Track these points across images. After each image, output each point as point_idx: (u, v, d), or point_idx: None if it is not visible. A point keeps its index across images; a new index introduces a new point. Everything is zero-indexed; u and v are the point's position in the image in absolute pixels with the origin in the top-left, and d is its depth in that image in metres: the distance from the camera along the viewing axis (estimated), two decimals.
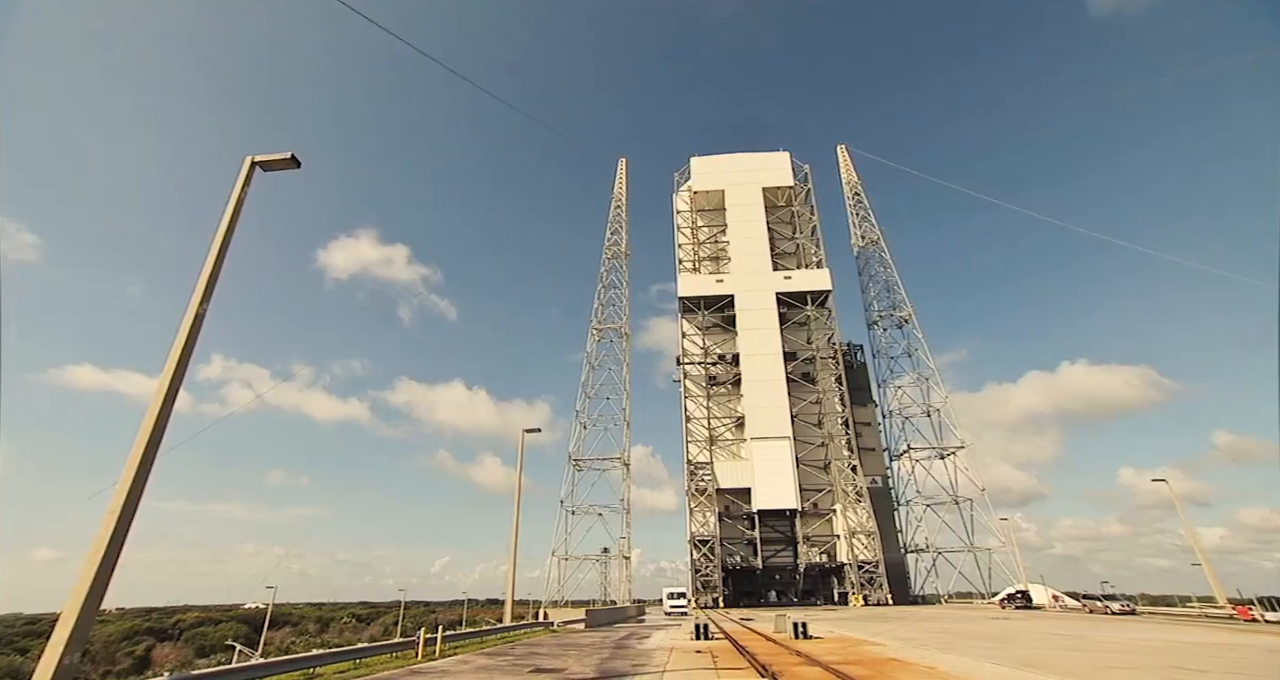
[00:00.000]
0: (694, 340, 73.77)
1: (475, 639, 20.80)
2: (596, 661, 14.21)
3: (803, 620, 19.79)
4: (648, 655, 15.50)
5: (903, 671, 11.22)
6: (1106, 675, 10.92)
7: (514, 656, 15.56)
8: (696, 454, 66.42)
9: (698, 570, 59.76)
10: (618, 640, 20.99)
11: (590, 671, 12.31)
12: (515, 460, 30.94)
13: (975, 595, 59.93)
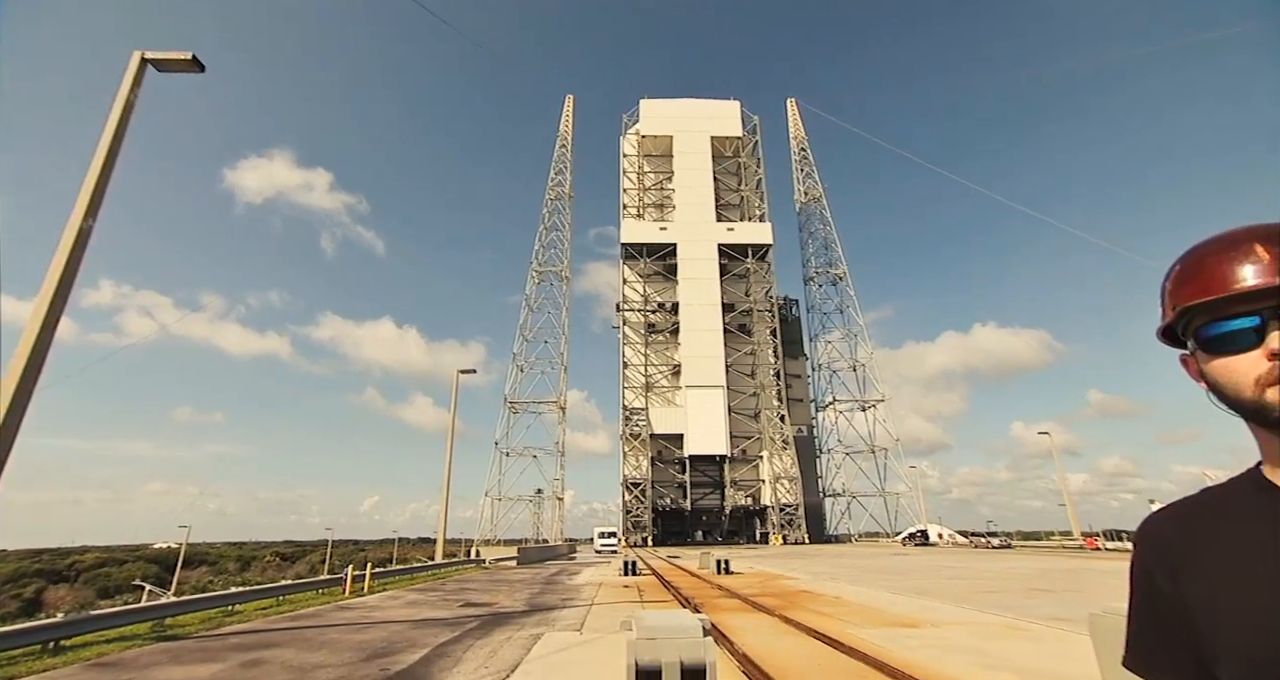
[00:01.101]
0: (634, 287, 73.57)
1: (406, 576, 20.91)
2: (527, 596, 14.62)
3: (726, 558, 21.01)
4: (577, 590, 16.07)
5: (812, 601, 12.18)
6: (979, 597, 12.30)
7: (444, 592, 15.78)
8: (632, 400, 67.59)
9: (629, 511, 62.04)
10: (548, 576, 21.66)
11: (521, 605, 12.66)
12: (448, 401, 30.47)
13: (882, 534, 65.49)
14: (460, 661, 6.94)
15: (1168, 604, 0.73)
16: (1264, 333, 0.65)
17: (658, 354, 70.95)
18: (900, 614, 10.14)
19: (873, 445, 68.19)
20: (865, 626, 8.81)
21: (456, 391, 30.10)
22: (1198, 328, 0.71)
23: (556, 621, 10.10)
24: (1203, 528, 0.72)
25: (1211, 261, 0.69)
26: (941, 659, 6.56)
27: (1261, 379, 0.64)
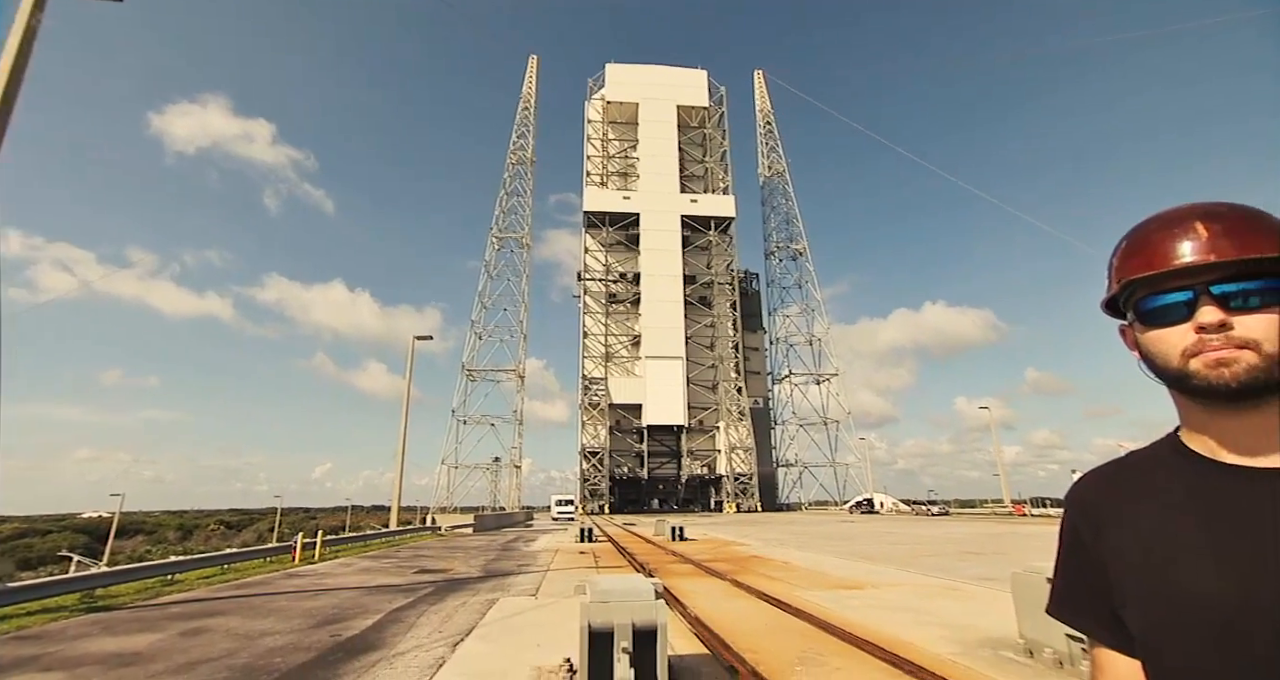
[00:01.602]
0: (596, 256, 72.82)
1: (359, 543, 20.66)
2: (483, 562, 14.67)
3: (680, 525, 21.53)
4: (533, 556, 16.22)
5: (762, 566, 12.64)
6: (917, 560, 13.02)
7: (399, 559, 15.67)
8: (592, 369, 67.62)
9: (586, 479, 62.69)
10: (505, 543, 21.78)
11: (476, 571, 12.69)
12: (403, 368, 29.78)
13: (831, 503, 68.32)
14: (413, 627, 6.92)
15: (1089, 556, 0.79)
16: (1195, 307, 0.69)
17: (618, 324, 70.87)
18: (844, 577, 10.63)
19: (825, 418, 70.52)
20: (811, 589, 9.20)
21: (412, 358, 29.43)
22: (1138, 300, 0.75)
23: (512, 587, 10.18)
24: (1124, 487, 0.78)
25: (1155, 237, 0.73)
26: (880, 617, 6.92)
27: (1187, 350, 0.69)
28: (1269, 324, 0.66)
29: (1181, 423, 0.76)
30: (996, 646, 5.55)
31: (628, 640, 3.93)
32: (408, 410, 28.51)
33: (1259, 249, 0.67)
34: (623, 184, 76.21)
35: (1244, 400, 0.67)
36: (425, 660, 5.37)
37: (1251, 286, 0.68)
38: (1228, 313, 0.68)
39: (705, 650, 5.58)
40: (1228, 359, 0.66)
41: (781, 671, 4.88)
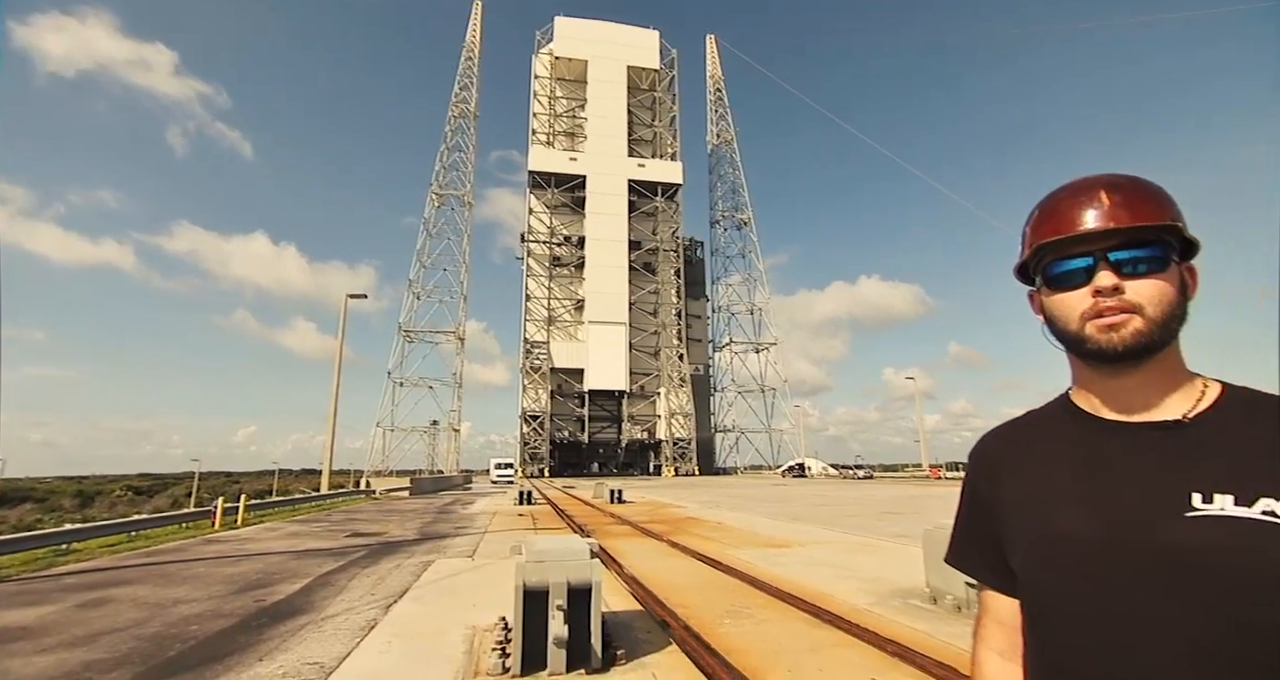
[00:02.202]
0: (541, 218, 71.09)
1: (287, 507, 19.93)
2: (419, 525, 14.48)
3: (619, 488, 21.93)
4: (471, 519, 16.16)
5: (697, 527, 13.09)
6: (842, 520, 13.87)
7: (330, 523, 15.25)
8: (534, 333, 66.81)
9: (527, 443, 62.63)
10: (442, 506, 21.57)
11: (412, 534, 12.52)
12: (334, 327, 28.42)
13: (765, 467, 71.29)
14: (344, 590, 6.77)
15: (985, 507, 0.85)
16: (1093, 272, 0.73)
17: (562, 288, 69.96)
18: (774, 536, 11.16)
19: (763, 385, 72.90)
20: (743, 548, 9.62)
21: (344, 317, 28.09)
22: (1045, 265, 0.79)
23: (448, 549, 10.12)
24: (1019, 442, 0.84)
25: (1064, 205, 0.77)
26: (805, 573, 7.33)
27: (1085, 313, 0.73)
28: (1153, 289, 0.72)
29: (1073, 382, 0.82)
30: (906, 596, 6.00)
31: (562, 598, 3.97)
32: (340, 371, 27.39)
33: (1151, 218, 0.72)
34: (570, 145, 74.08)
35: (1126, 362, 0.72)
36: (356, 623, 5.28)
37: (1141, 254, 0.73)
38: (1121, 278, 0.72)
39: (640, 607, 5.75)
40: (1117, 324, 0.71)
41: (711, 624, 5.09)
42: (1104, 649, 0.66)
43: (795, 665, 4.06)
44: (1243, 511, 0.63)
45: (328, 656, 4.32)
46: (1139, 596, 0.65)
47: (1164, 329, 0.71)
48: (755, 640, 4.64)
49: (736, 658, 4.15)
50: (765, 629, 4.96)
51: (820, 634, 4.81)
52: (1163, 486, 0.68)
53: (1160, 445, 0.71)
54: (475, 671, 3.98)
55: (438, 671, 3.99)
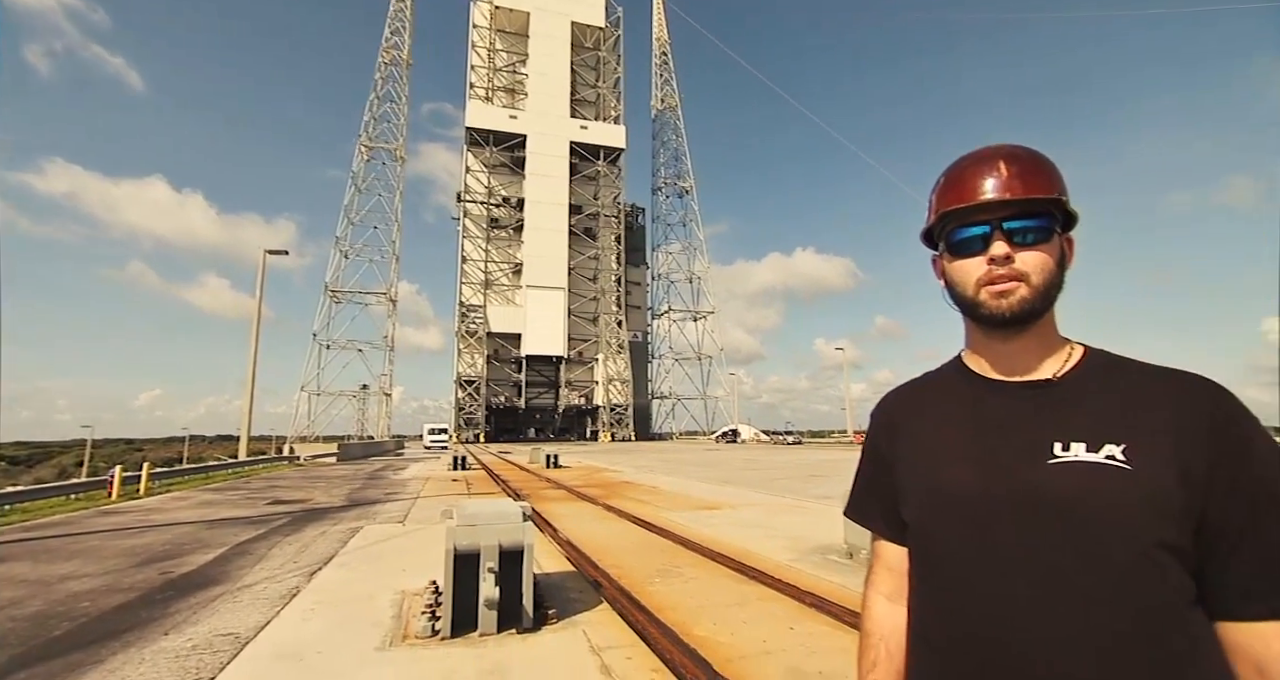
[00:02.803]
0: (478, 177, 68.30)
1: (199, 475, 18.76)
2: (347, 491, 14.04)
3: (555, 453, 21.98)
4: (403, 484, 15.81)
5: (631, 491, 13.36)
6: (771, 483, 14.53)
7: (249, 490, 14.52)
8: (470, 296, 64.97)
9: (462, 408, 61.55)
10: (372, 472, 20.98)
11: (339, 501, 12.12)
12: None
13: (700, 433, 73.29)
14: (265, 558, 6.49)
15: (883, 463, 0.91)
16: (989, 240, 0.78)
17: (499, 251, 68.03)
18: (706, 499, 11.55)
19: (700, 353, 74.35)
20: (676, 510, 9.90)
21: (263, 274, 26.18)
22: (948, 232, 0.83)
23: (378, 515, 9.87)
24: (915, 402, 0.90)
25: (967, 174, 0.80)
26: (734, 533, 7.64)
27: (980, 279, 0.78)
28: (1038, 259, 0.77)
29: (965, 345, 0.88)
30: (825, 552, 6.38)
31: (494, 561, 3.96)
32: (259, 331, 25.71)
33: (1042, 190, 0.77)
34: (509, 101, 70.92)
35: (1013, 326, 0.78)
36: (277, 591, 5.08)
37: (1030, 224, 0.77)
38: (1012, 247, 0.77)
39: (573, 568, 5.83)
40: (1007, 290, 0.76)
41: (642, 583, 5.24)
42: (976, 583, 0.73)
43: (720, 618, 4.25)
44: (1091, 457, 0.70)
45: (244, 626, 4.14)
46: (1007, 536, 0.72)
47: (1045, 297, 0.77)
48: (684, 597, 4.81)
49: (665, 614, 4.30)
50: (693, 586, 5.15)
51: (745, 589, 5.05)
52: (1032, 438, 0.74)
53: (1033, 402, 0.78)
54: (404, 635, 3.94)
55: (364, 636, 3.91)
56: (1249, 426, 0.69)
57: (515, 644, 3.78)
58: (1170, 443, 0.69)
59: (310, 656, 3.57)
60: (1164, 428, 0.70)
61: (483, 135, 66.25)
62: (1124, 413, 0.72)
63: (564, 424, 68.76)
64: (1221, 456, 0.67)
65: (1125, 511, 0.67)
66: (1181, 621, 0.65)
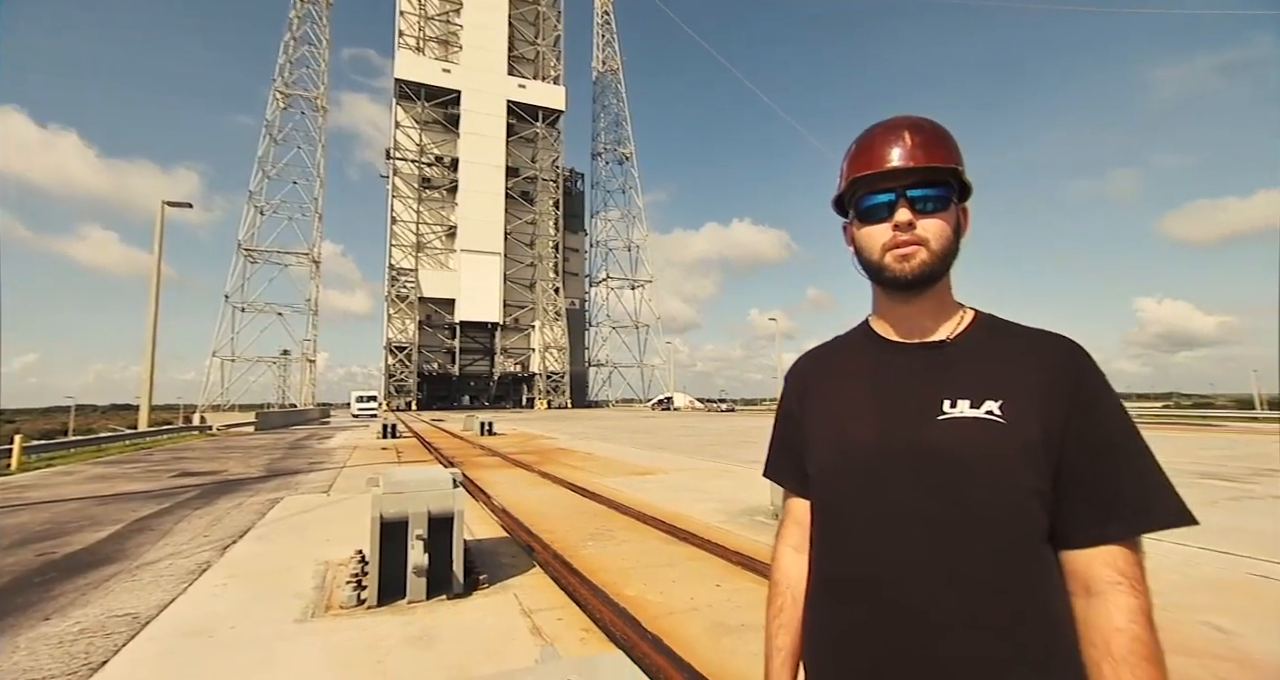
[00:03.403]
0: (409, 134, 64.61)
1: (90, 448, 17.24)
2: (266, 462, 13.32)
3: (490, 420, 21.69)
4: (328, 453, 15.18)
5: (567, 457, 13.39)
6: (704, 449, 14.95)
7: (151, 463, 13.50)
8: (401, 259, 62.14)
9: (392, 375, 59.47)
10: (294, 441, 20.00)
11: (257, 471, 11.49)
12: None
13: (636, 401, 74.19)
14: (170, 534, 6.06)
15: (795, 423, 0.96)
16: (894, 207, 0.82)
17: (432, 212, 65.11)
18: (640, 465, 11.74)
19: (637, 322, 74.72)
20: (610, 476, 10.01)
21: (162, 228, 23.88)
22: (857, 199, 0.86)
23: (301, 485, 9.43)
24: (824, 362, 0.96)
25: (876, 142, 0.84)
26: (666, 497, 7.82)
27: (885, 244, 0.82)
28: (937, 226, 0.82)
29: (872, 310, 0.93)
30: (753, 514, 6.64)
31: (423, 528, 3.86)
32: (158, 290, 23.57)
33: (942, 160, 0.81)
34: (443, 54, 66.80)
35: (913, 289, 0.83)
36: (184, 567, 4.76)
37: (931, 193, 0.82)
38: (915, 215, 0.81)
39: (506, 534, 5.80)
40: (909, 254, 0.81)
41: (574, 547, 5.28)
42: (867, 529, 0.80)
43: (651, 578, 4.34)
44: (973, 413, 0.76)
45: (144, 606, 3.86)
46: (898, 486, 0.78)
47: (943, 261, 0.82)
48: (615, 559, 4.89)
49: (597, 576, 4.35)
50: (625, 548, 5.24)
51: (675, 550, 5.18)
52: (925, 396, 0.80)
53: (928, 362, 0.83)
54: (327, 606, 3.80)
55: (283, 609, 3.74)
56: (1099, 385, 0.77)
57: (445, 610, 3.73)
58: (1037, 399, 0.76)
59: (222, 632, 3.38)
60: (1034, 385, 0.77)
61: (413, 89, 62.37)
62: (1003, 372, 0.79)
63: (499, 391, 67.86)
64: (1075, 410, 0.75)
65: (998, 461, 0.74)
66: (1037, 553, 0.74)
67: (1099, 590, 0.72)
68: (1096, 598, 0.72)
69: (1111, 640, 0.69)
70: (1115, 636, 0.69)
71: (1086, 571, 0.73)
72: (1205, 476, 9.12)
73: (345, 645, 3.19)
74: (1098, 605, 0.71)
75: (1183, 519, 0.72)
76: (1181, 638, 3.19)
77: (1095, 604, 0.72)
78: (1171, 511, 0.72)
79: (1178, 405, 54.80)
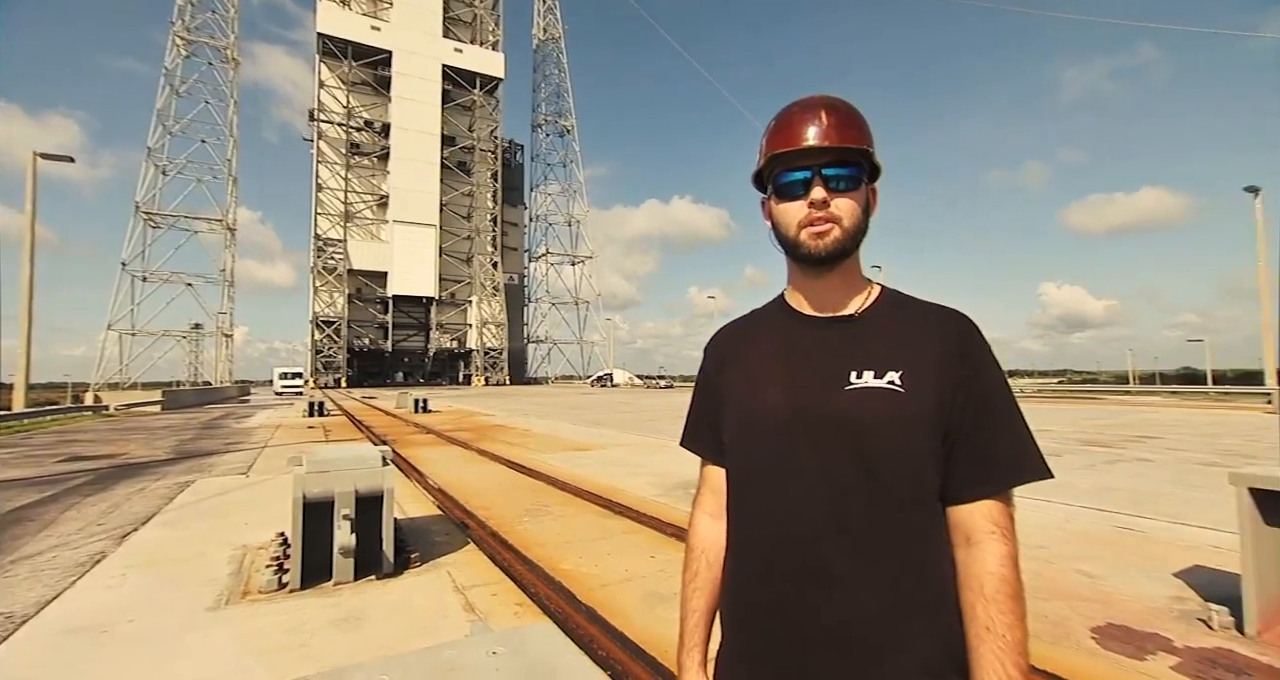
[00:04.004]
0: (335, 94, 60.50)
1: None
2: (175, 443, 12.44)
3: (425, 397, 21.09)
4: (248, 433, 14.35)
5: (504, 434, 13.25)
6: (642, 425, 15.14)
7: (29, 448, 12.28)
8: (328, 229, 58.73)
9: (320, 351, 56.65)
10: (209, 421, 18.76)
11: (164, 454, 10.72)
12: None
13: (575, 377, 73.91)
14: (54, 524, 5.56)
15: (712, 392, 1.00)
16: (810, 185, 0.84)
17: (362, 181, 61.65)
18: (578, 441, 11.76)
19: (577, 298, 74.13)
20: (547, 452, 9.99)
21: (34, 183, 21.33)
22: (775, 175, 0.89)
23: (215, 467, 8.89)
24: (741, 334, 0.99)
25: (794, 120, 0.86)
26: (603, 472, 7.89)
27: (801, 221, 0.86)
28: (849, 205, 0.85)
29: (788, 284, 0.97)
30: (688, 487, 6.81)
31: (350, 507, 3.73)
32: (33, 254, 21.22)
33: (855, 141, 0.85)
34: (372, 9, 62.53)
35: (826, 265, 0.87)
36: (72, 559, 4.39)
37: (844, 172, 0.85)
38: (829, 193, 0.84)
39: (439, 512, 5.70)
40: (823, 231, 0.85)
41: (510, 522, 5.26)
42: (775, 492, 0.85)
43: (587, 551, 4.40)
44: (877, 383, 0.82)
45: (20, 604, 3.50)
46: (805, 452, 0.83)
47: (854, 239, 0.87)
48: (551, 534, 4.91)
49: (533, 551, 4.37)
50: (562, 523, 5.27)
51: (611, 523, 5.26)
52: (834, 368, 0.85)
53: (838, 335, 0.88)
54: (245, 591, 3.63)
55: (193, 597, 3.54)
56: (983, 354, 0.85)
57: (374, 590, 3.64)
58: (933, 368, 0.82)
59: (119, 627, 3.15)
60: (930, 356, 0.83)
61: (339, 45, 58.22)
62: (903, 344, 0.85)
63: (435, 368, 65.98)
64: (963, 378, 0.82)
65: (897, 426, 0.80)
66: (927, 509, 0.82)
67: (977, 540, 0.79)
68: (975, 547, 0.79)
69: (985, 583, 0.77)
70: (988, 579, 0.77)
71: (968, 524, 0.80)
72: (1087, 444, 10.09)
73: (264, 631, 3.07)
74: (976, 554, 0.79)
75: (1045, 474, 0.82)
76: (1058, 584, 3.56)
77: (974, 553, 0.79)
78: (1037, 468, 0.82)
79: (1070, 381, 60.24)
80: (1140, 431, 12.20)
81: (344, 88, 60.47)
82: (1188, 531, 4.65)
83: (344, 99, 60.47)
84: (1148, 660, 2.64)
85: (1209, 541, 4.34)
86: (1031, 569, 3.75)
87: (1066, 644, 2.81)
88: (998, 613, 0.76)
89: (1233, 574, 3.03)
